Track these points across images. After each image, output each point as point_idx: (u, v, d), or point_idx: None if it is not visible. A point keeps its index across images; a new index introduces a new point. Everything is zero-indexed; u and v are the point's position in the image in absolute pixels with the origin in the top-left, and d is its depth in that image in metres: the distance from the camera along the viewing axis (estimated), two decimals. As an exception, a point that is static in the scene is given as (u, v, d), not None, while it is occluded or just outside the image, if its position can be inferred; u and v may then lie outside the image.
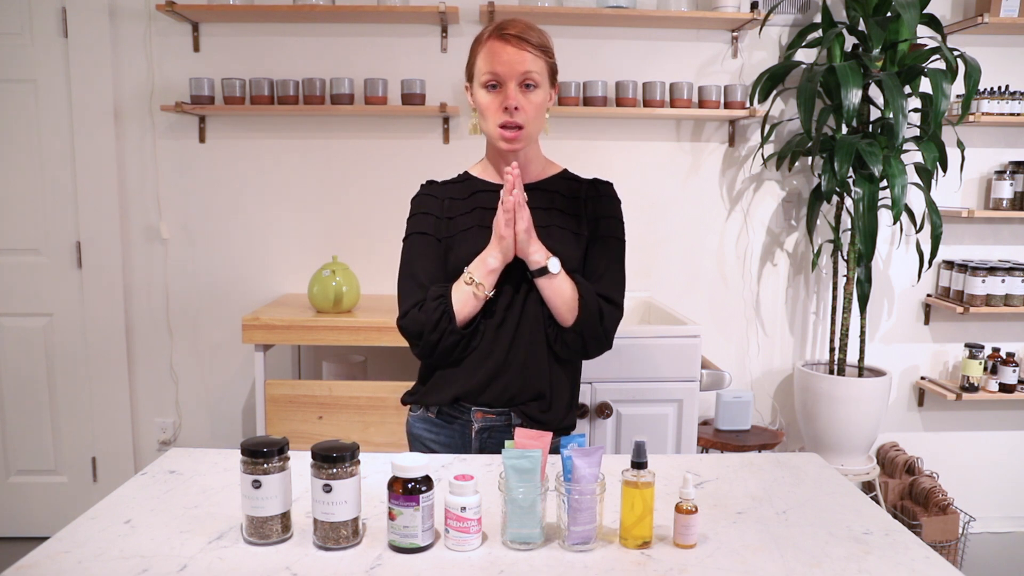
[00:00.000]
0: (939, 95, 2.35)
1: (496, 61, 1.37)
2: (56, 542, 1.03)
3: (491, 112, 1.40)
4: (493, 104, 1.39)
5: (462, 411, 1.45)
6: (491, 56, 1.38)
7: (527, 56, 1.37)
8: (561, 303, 1.39)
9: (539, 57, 1.39)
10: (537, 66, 1.39)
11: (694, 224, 2.85)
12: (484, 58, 1.39)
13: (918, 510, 2.69)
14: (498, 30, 1.39)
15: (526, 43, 1.37)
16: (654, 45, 2.75)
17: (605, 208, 1.49)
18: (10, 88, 2.64)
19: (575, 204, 1.48)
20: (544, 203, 1.47)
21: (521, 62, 1.37)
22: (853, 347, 2.80)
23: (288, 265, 2.79)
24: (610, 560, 1.01)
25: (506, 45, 1.37)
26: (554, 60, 1.45)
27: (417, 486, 1.02)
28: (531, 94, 1.39)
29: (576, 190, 1.50)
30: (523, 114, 1.38)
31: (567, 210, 1.47)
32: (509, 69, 1.37)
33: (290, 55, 2.69)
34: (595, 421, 2.26)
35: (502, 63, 1.37)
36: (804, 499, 1.21)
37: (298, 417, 2.33)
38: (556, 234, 1.44)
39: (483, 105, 1.41)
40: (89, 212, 2.70)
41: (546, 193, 1.49)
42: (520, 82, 1.38)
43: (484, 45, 1.39)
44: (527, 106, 1.39)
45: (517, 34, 1.37)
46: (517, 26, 1.39)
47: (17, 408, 2.79)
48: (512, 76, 1.37)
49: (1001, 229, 2.93)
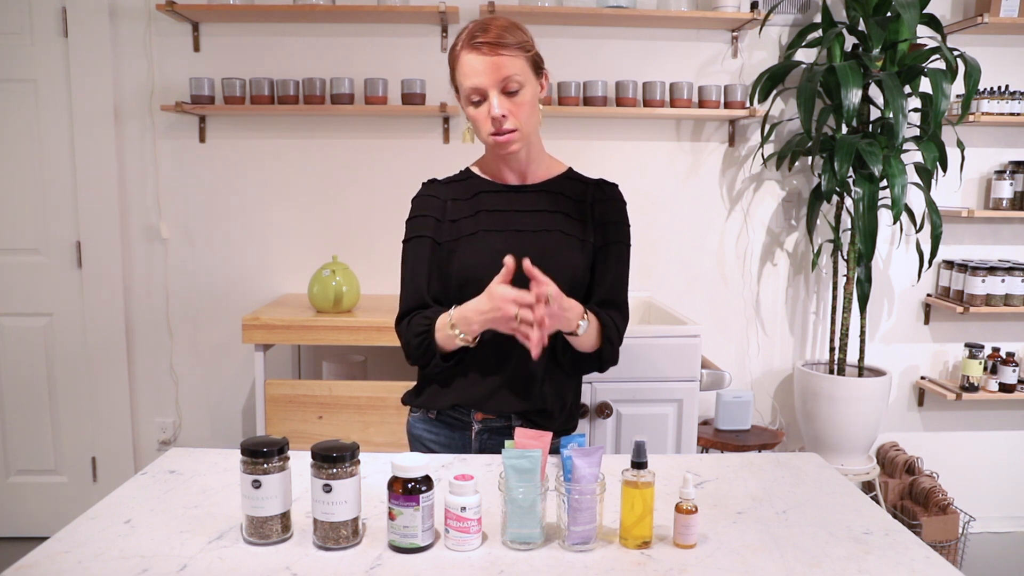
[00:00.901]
0: (939, 95, 2.35)
1: (472, 74, 1.33)
2: (56, 542, 1.03)
3: (481, 123, 1.37)
4: (481, 116, 1.36)
5: (462, 413, 1.45)
6: (467, 70, 1.34)
7: (503, 60, 1.32)
8: (588, 345, 1.39)
9: (516, 56, 1.34)
10: (516, 66, 1.34)
11: (694, 224, 2.85)
12: (461, 73, 1.35)
13: (918, 510, 2.69)
14: (470, 39, 1.34)
15: (498, 47, 1.32)
16: (654, 45, 2.75)
17: (613, 213, 1.46)
18: (10, 88, 2.64)
19: (581, 207, 1.45)
20: (549, 206, 1.44)
21: (497, 69, 1.32)
22: (853, 347, 2.80)
23: (288, 265, 2.79)
24: (610, 560, 1.01)
25: (479, 55, 1.32)
26: (534, 51, 1.39)
27: (417, 486, 1.02)
28: (516, 97, 1.35)
29: (582, 192, 1.47)
30: (512, 119, 1.35)
31: (573, 214, 1.44)
32: (488, 80, 1.32)
33: (290, 55, 2.69)
34: (595, 421, 2.26)
35: (479, 75, 1.32)
36: (804, 499, 1.21)
37: (298, 417, 2.33)
38: (561, 240, 1.42)
39: (473, 118, 1.38)
40: (89, 212, 2.70)
41: (551, 195, 1.46)
42: (501, 89, 1.33)
43: (459, 58, 1.35)
44: (514, 110, 1.35)
45: (488, 40, 1.32)
46: (487, 32, 1.33)
47: (17, 408, 2.79)
48: (492, 85, 1.33)
49: (1001, 229, 2.93)
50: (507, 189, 1.46)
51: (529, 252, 1.39)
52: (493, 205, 1.44)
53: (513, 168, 1.46)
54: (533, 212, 1.44)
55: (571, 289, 1.41)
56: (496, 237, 1.41)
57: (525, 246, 1.40)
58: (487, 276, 1.38)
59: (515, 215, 1.43)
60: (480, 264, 1.39)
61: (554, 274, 1.38)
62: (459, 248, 1.42)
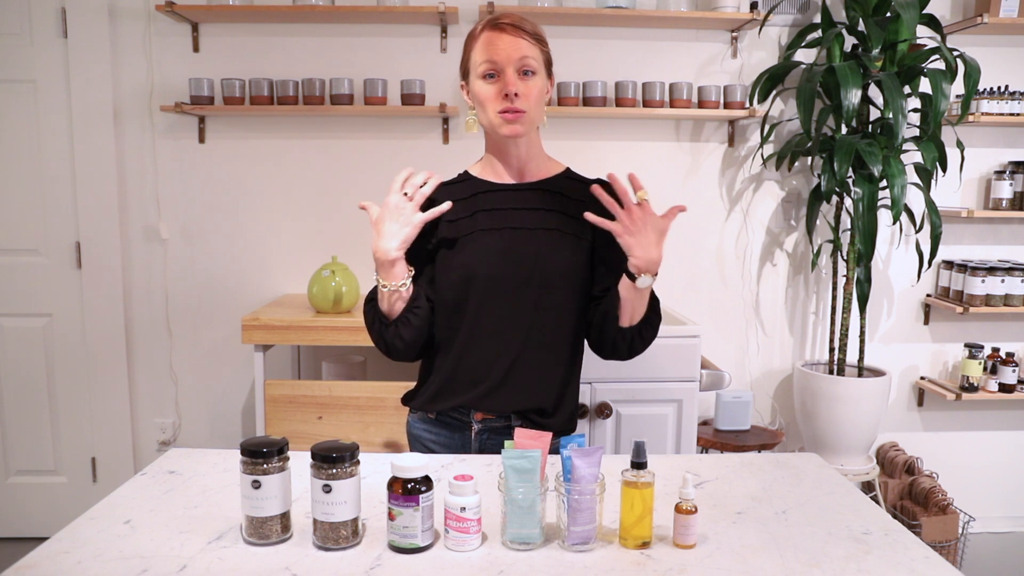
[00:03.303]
0: (939, 95, 2.35)
1: (493, 50, 1.36)
2: (56, 542, 1.03)
3: (491, 100, 1.38)
4: (492, 92, 1.38)
5: (462, 413, 1.45)
6: (487, 45, 1.37)
7: (523, 43, 1.37)
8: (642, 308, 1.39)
9: (535, 45, 1.39)
10: (533, 52, 1.38)
11: (694, 224, 2.85)
12: (480, 49, 1.38)
13: (918, 510, 2.70)
14: (492, 21, 1.38)
15: (521, 31, 1.37)
16: (653, 45, 2.75)
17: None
18: (10, 88, 2.64)
19: (578, 206, 1.45)
20: (546, 204, 1.45)
21: (517, 48, 1.36)
22: (853, 347, 2.80)
23: (288, 265, 2.79)
24: (610, 560, 1.01)
25: (502, 34, 1.36)
26: (548, 50, 1.44)
27: (417, 486, 1.02)
28: (530, 80, 1.38)
29: (580, 191, 1.47)
30: (524, 100, 1.37)
31: (569, 212, 1.45)
32: (506, 56, 1.36)
33: (290, 55, 2.69)
34: (595, 421, 2.26)
35: (499, 51, 1.36)
36: (804, 499, 1.21)
37: (298, 417, 2.33)
38: (558, 237, 1.42)
39: (482, 96, 1.39)
40: (89, 212, 2.70)
41: (548, 194, 1.46)
42: (519, 68, 1.37)
43: (478, 38, 1.39)
44: (527, 92, 1.37)
45: (512, 23, 1.37)
46: (511, 16, 1.39)
47: (17, 408, 2.79)
48: (510, 62, 1.36)
49: (1001, 229, 2.93)
50: (504, 188, 1.47)
51: (526, 249, 1.40)
52: (490, 204, 1.45)
53: (511, 165, 1.47)
54: (530, 210, 1.44)
55: (569, 285, 1.42)
56: (493, 235, 1.42)
57: (522, 243, 1.41)
58: (484, 274, 1.39)
59: (512, 213, 1.44)
60: (477, 263, 1.40)
61: (551, 270, 1.40)
62: (457, 248, 1.43)
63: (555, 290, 1.41)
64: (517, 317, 1.40)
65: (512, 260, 1.40)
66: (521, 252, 1.41)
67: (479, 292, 1.40)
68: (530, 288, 1.40)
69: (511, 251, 1.41)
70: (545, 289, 1.40)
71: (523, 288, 1.40)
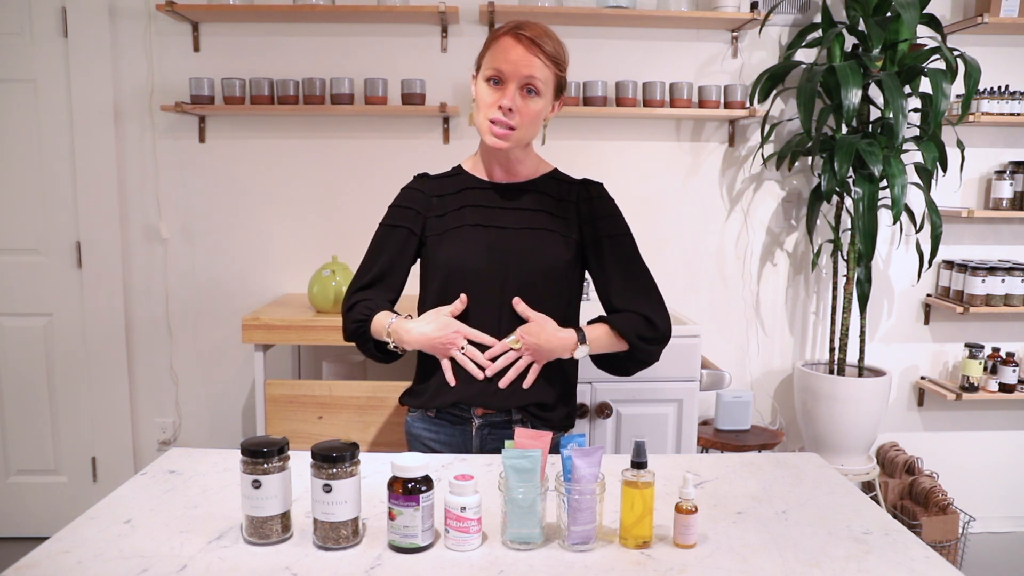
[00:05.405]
0: (939, 95, 2.35)
1: (503, 59, 1.36)
2: (56, 542, 1.03)
3: (486, 106, 1.39)
4: (490, 99, 1.39)
5: (462, 410, 1.46)
6: (500, 52, 1.37)
7: (535, 61, 1.36)
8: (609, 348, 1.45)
9: (548, 66, 1.38)
10: (543, 74, 1.37)
11: (694, 224, 2.85)
12: (493, 53, 1.38)
13: (918, 510, 2.69)
14: (515, 27, 1.37)
15: (538, 48, 1.36)
16: (654, 45, 2.75)
17: (601, 208, 1.49)
18: (10, 88, 2.64)
19: (564, 206, 1.48)
20: (532, 204, 1.47)
21: (527, 65, 1.35)
22: (853, 347, 2.80)
23: (288, 265, 2.79)
24: (610, 560, 1.01)
25: (518, 44, 1.36)
26: (564, 74, 1.43)
27: (417, 486, 1.02)
28: (530, 100, 1.38)
29: (566, 192, 1.50)
30: (517, 117, 1.37)
31: (555, 212, 1.47)
32: (514, 69, 1.36)
33: (290, 55, 2.69)
34: (595, 421, 2.26)
35: (508, 61, 1.36)
36: (804, 499, 1.21)
37: (298, 417, 2.33)
38: (544, 236, 1.45)
39: (480, 97, 1.41)
40: (89, 212, 2.70)
41: (534, 194, 1.49)
42: (522, 84, 1.37)
43: (498, 40, 1.38)
44: (523, 111, 1.38)
45: (532, 37, 1.36)
46: (535, 30, 1.37)
47: (17, 408, 2.79)
48: (515, 77, 1.36)
49: (1001, 229, 2.93)
50: (493, 187, 1.49)
51: (511, 248, 1.43)
52: (479, 201, 1.47)
53: (501, 165, 1.49)
54: (517, 210, 1.47)
55: (551, 283, 1.43)
56: (480, 232, 1.44)
57: (507, 242, 1.43)
58: (469, 269, 1.42)
59: (499, 212, 1.46)
60: (463, 257, 1.43)
61: (534, 267, 1.42)
62: (444, 241, 1.45)
63: (536, 288, 1.42)
64: (504, 314, 1.42)
65: (495, 257, 1.42)
66: (505, 249, 1.43)
67: (463, 287, 1.42)
68: (512, 285, 1.41)
69: (495, 248, 1.43)
70: (527, 287, 1.41)
71: (505, 285, 1.41)
